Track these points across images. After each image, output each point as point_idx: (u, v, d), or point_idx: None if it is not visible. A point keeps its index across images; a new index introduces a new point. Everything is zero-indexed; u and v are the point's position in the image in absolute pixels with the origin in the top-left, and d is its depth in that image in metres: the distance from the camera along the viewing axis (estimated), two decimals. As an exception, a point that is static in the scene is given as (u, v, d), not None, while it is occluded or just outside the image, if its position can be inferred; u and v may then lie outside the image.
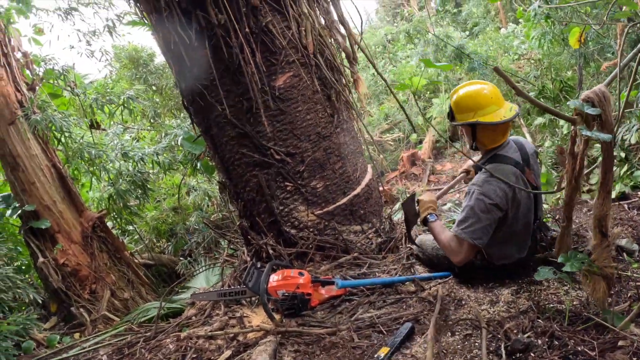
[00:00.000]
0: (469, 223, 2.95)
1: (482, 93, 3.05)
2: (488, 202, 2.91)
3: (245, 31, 3.30)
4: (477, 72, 10.10)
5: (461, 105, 3.09)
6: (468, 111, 3.06)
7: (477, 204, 2.94)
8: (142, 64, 8.75)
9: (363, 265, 3.62)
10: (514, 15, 15.54)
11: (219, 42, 3.37)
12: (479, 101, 3.04)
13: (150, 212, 8.18)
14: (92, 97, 6.26)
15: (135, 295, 6.06)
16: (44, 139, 5.83)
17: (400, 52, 14.52)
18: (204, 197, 7.87)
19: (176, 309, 4.75)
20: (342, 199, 3.69)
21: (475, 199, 2.95)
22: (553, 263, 2.99)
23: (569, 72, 9.38)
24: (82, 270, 5.68)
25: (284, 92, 3.51)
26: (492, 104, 3.03)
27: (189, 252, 7.76)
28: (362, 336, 2.73)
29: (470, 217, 2.95)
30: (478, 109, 3.02)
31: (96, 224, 6.02)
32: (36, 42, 6.61)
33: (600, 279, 2.32)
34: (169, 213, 8.04)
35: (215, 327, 3.15)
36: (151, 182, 7.11)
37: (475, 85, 3.13)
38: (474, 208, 2.94)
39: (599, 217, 2.29)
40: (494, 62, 10.84)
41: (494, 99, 3.04)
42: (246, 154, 3.60)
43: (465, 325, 2.68)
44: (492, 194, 2.91)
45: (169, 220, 8.02)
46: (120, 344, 3.70)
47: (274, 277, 3.17)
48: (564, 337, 2.29)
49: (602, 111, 2.12)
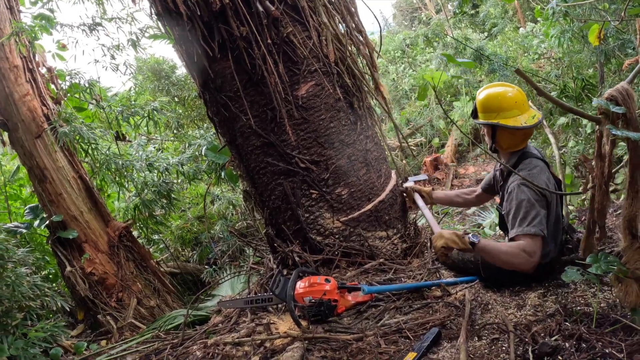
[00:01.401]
0: (532, 216, 2.86)
1: (506, 96, 3.08)
2: (536, 193, 2.90)
3: (267, 42, 3.35)
4: (497, 73, 10.00)
5: (485, 104, 3.13)
6: (490, 111, 3.10)
7: (530, 195, 2.89)
8: (164, 76, 8.89)
9: (389, 271, 3.63)
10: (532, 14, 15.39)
11: (242, 53, 3.43)
12: (502, 104, 3.07)
13: (175, 222, 8.28)
14: (118, 110, 6.36)
15: (161, 303, 6.13)
16: (70, 151, 5.94)
17: (419, 57, 14.49)
18: (228, 205, 7.94)
19: (202, 316, 4.79)
20: (367, 205, 3.71)
21: (525, 191, 2.91)
22: (579, 265, 3.00)
23: (590, 70, 9.25)
24: (109, 278, 5.77)
25: (307, 101, 3.56)
26: (514, 108, 3.06)
27: (214, 261, 7.82)
28: (388, 342, 2.73)
29: (529, 209, 2.87)
30: (500, 110, 3.06)
31: (122, 234, 6.11)
32: (60, 57, 6.74)
33: (632, 281, 2.26)
34: (194, 222, 8.12)
35: (243, 334, 3.17)
36: (175, 192, 7.19)
37: (502, 87, 3.17)
38: (529, 199, 2.88)
39: (628, 217, 2.26)
40: (514, 63, 10.74)
41: (518, 103, 3.07)
42: (271, 162, 3.65)
43: (492, 329, 2.67)
44: (539, 180, 2.92)
45: (194, 229, 8.11)
46: (147, 351, 3.76)
47: (300, 284, 3.19)
48: (592, 339, 2.27)
49: (627, 109, 2.10)
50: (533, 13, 14.56)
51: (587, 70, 9.30)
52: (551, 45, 9.87)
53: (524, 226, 2.85)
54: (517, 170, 3.02)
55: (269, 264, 3.95)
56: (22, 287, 4.15)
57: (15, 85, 5.76)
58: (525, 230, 2.84)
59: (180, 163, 6.83)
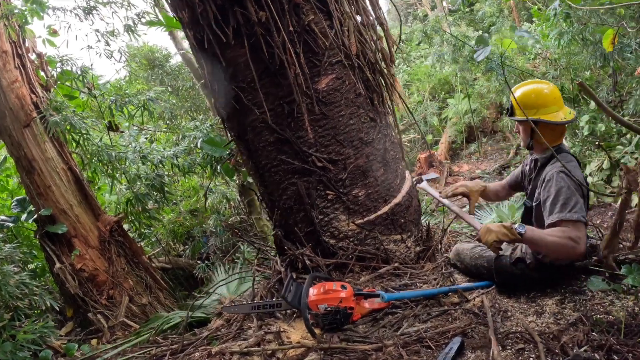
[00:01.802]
0: (573, 202, 2.78)
1: (545, 92, 3.08)
2: (575, 180, 2.86)
3: (288, 29, 3.11)
4: (494, 72, 9.93)
5: (525, 101, 3.08)
6: (531, 108, 3.06)
7: (569, 182, 2.85)
8: (158, 65, 8.63)
9: (403, 276, 3.46)
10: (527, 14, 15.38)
11: (259, 41, 3.17)
12: (543, 100, 3.06)
13: (167, 215, 8.06)
14: (111, 99, 6.11)
15: (153, 301, 5.94)
16: (60, 142, 5.70)
17: (413, 52, 14.38)
18: (222, 199, 7.74)
19: (200, 318, 4.60)
20: (384, 207, 3.53)
21: (565, 179, 2.86)
22: (593, 272, 3.08)
23: (587, 73, 9.23)
24: (100, 275, 5.56)
25: (327, 95, 3.33)
26: (554, 104, 3.05)
27: (207, 256, 7.64)
28: (410, 352, 2.58)
29: (570, 196, 2.80)
30: (541, 107, 3.04)
31: (114, 228, 5.90)
32: (51, 43, 6.47)
33: None
34: (186, 216, 7.92)
35: (251, 343, 2.96)
36: (167, 184, 6.97)
37: (538, 84, 3.17)
38: (569, 187, 2.83)
39: None
40: (511, 62, 10.68)
41: (556, 99, 3.07)
42: (285, 160, 3.42)
43: (515, 338, 2.56)
44: (574, 174, 2.89)
45: (186, 223, 7.91)
46: (144, 357, 3.57)
47: (313, 291, 3.01)
48: (623, 351, 2.21)
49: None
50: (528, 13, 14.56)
51: (584, 73, 9.27)
52: (547, 45, 9.84)
53: (566, 212, 2.75)
54: (555, 161, 2.99)
55: (276, 266, 3.75)
56: (9, 287, 3.94)
57: (3, 71, 5.51)
58: (568, 216, 2.74)
59: (175, 155, 6.60)
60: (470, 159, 12.16)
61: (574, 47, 8.51)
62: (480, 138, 12.61)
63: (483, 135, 12.95)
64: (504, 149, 11.67)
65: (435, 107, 13.58)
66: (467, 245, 3.63)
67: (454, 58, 10.57)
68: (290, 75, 3.15)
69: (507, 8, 15.57)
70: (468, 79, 12.02)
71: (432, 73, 14.05)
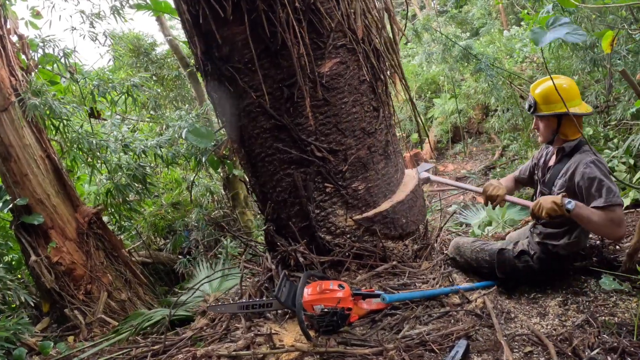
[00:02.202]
0: (612, 188, 2.87)
1: (567, 86, 3.10)
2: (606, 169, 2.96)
3: (294, 6, 2.88)
4: (484, 73, 9.89)
5: (551, 96, 3.10)
6: (557, 102, 3.06)
7: (605, 169, 2.94)
8: (144, 52, 8.37)
9: (401, 275, 3.32)
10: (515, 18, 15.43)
11: (260, 17, 2.92)
12: (570, 93, 3.08)
13: (148, 208, 7.81)
14: (94, 84, 5.84)
15: (132, 296, 5.72)
16: (39, 128, 5.44)
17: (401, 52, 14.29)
18: (205, 192, 7.52)
19: (182, 316, 4.40)
20: (383, 203, 3.36)
21: (601, 167, 2.94)
22: (594, 272, 3.13)
23: (575, 77, 9.24)
24: (77, 269, 5.32)
25: (330, 80, 3.12)
26: (577, 97, 3.11)
27: (188, 250, 7.42)
28: (413, 356, 2.45)
29: (608, 183, 2.88)
30: (568, 100, 3.01)
31: (92, 220, 5.65)
32: (33, 25, 6.21)
33: None
34: (168, 209, 7.68)
35: (240, 345, 2.77)
36: (149, 176, 6.73)
37: (559, 79, 3.18)
38: (605, 174, 2.92)
39: None
40: (500, 64, 10.66)
41: (577, 92, 3.13)
42: (281, 149, 3.20)
43: (522, 341, 2.51)
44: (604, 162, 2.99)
45: (168, 216, 7.67)
46: (123, 358, 3.37)
47: (308, 290, 2.83)
48: (638, 353, 2.20)
49: None
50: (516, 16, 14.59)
51: (573, 77, 9.27)
52: (534, 49, 9.84)
53: (610, 197, 2.84)
54: (583, 151, 3.09)
55: (266, 263, 3.56)
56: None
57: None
58: (612, 201, 2.83)
59: (158, 145, 6.36)
60: (455, 159, 12.11)
61: (564, 51, 8.50)
62: (466, 138, 12.58)
63: (469, 136, 12.93)
64: (489, 149, 11.65)
65: (421, 106, 13.51)
66: (467, 239, 3.62)
67: (443, 57, 10.49)
68: (294, 55, 2.91)
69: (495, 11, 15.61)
70: (456, 79, 11.96)
71: (420, 72, 13.98)
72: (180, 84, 8.69)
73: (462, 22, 13.18)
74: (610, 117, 7.90)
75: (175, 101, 8.58)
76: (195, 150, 6.36)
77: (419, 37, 10.42)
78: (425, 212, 3.75)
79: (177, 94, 8.44)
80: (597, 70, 8.19)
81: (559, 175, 3.15)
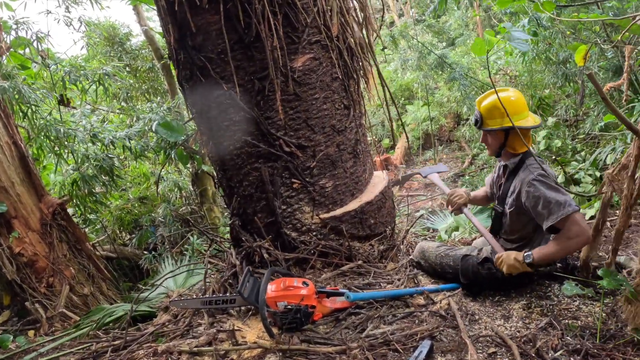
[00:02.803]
0: (558, 200, 2.84)
1: (511, 99, 3.08)
2: (551, 179, 2.95)
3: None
4: (457, 82, 10.02)
5: (495, 111, 3.08)
6: (503, 116, 3.04)
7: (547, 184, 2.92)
8: (118, 42, 8.21)
9: (366, 274, 3.32)
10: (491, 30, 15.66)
11: (236, 7, 2.89)
12: (515, 107, 3.06)
13: (115, 201, 7.65)
14: (65, 70, 5.69)
15: (95, 291, 5.56)
16: (6, 112, 5.26)
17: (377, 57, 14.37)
18: (174, 188, 7.40)
19: (144, 312, 4.32)
20: (351, 202, 3.35)
21: (545, 184, 2.92)
22: (558, 277, 3.18)
23: (546, 91, 9.43)
24: (40, 261, 5.16)
25: (302, 75, 3.10)
26: (524, 110, 3.09)
27: (154, 246, 7.29)
28: (377, 355, 2.46)
29: (553, 196, 2.87)
30: (514, 113, 3.00)
31: (57, 211, 5.48)
32: (7, 7, 6.01)
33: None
34: (135, 203, 7.53)
35: (202, 342, 2.73)
36: (117, 168, 6.59)
37: (505, 92, 3.14)
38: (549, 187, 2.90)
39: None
40: (474, 74, 10.82)
41: (523, 105, 3.11)
42: (250, 142, 3.16)
43: (486, 342, 2.54)
44: (548, 173, 2.98)
45: (135, 210, 7.52)
46: (83, 353, 3.28)
47: (272, 287, 2.81)
48: (601, 354, 2.24)
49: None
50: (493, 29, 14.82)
51: (544, 91, 9.46)
52: (508, 62, 10.01)
53: (557, 213, 2.83)
54: (526, 167, 3.06)
55: (230, 258, 3.52)
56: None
57: (-50, 33, 5.09)
58: (562, 214, 2.81)
59: (128, 137, 6.23)
60: (425, 165, 12.21)
61: (537, 65, 8.65)
62: (437, 145, 12.70)
63: (439, 143, 13.06)
64: (459, 157, 11.78)
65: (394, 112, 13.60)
66: (432, 244, 3.63)
67: (418, 65, 10.60)
68: (267, 48, 2.89)
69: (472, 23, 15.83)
70: (430, 87, 12.08)
71: (394, 79, 14.08)
72: (154, 76, 8.56)
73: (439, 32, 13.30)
74: (579, 131, 8.07)
75: (148, 93, 8.44)
76: (165, 144, 6.26)
77: (395, 43, 10.49)
78: (394, 214, 3.76)
79: (149, 86, 8.30)
80: (568, 84, 8.37)
81: (509, 194, 3.18)
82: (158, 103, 6.73)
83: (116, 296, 5.76)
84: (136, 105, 7.99)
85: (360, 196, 3.43)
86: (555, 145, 7.79)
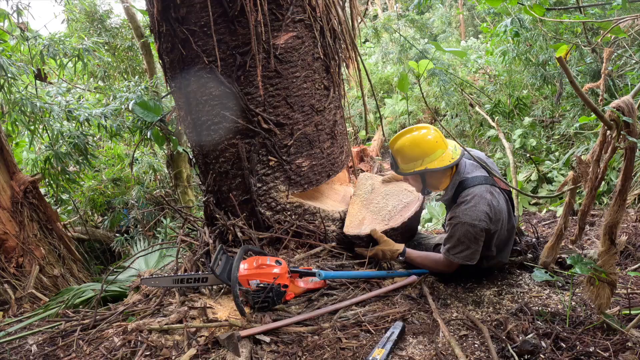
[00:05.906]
0: (459, 250, 2.94)
1: (426, 139, 2.92)
2: (475, 231, 2.85)
3: None
4: (437, 77, 10.07)
5: (407, 155, 2.94)
6: (415, 160, 2.93)
7: (465, 234, 2.88)
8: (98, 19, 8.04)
9: (339, 257, 3.32)
10: (473, 30, 15.81)
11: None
12: (425, 149, 2.91)
13: (88, 182, 7.49)
14: (44, 43, 5.53)
15: (65, 273, 5.45)
16: (-22, 86, 5.13)
17: (358, 49, 14.37)
18: (148, 170, 7.28)
19: (116, 292, 4.25)
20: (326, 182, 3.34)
21: (462, 230, 2.88)
22: (528, 267, 3.23)
23: (524, 91, 9.55)
24: (9, 240, 5.03)
25: (284, 52, 3.07)
26: (438, 148, 2.91)
27: (126, 229, 7.18)
28: (349, 335, 2.46)
29: (459, 245, 2.93)
30: (425, 156, 2.90)
31: (28, 189, 5.35)
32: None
33: (605, 285, 2.35)
34: (108, 184, 7.40)
35: (173, 319, 2.69)
36: (91, 146, 6.45)
37: (418, 131, 2.95)
38: (462, 238, 2.90)
39: (610, 224, 2.28)
40: (455, 71, 10.88)
41: (439, 142, 2.93)
42: (228, 117, 3.12)
43: (457, 325, 2.58)
44: (477, 221, 2.83)
45: (108, 192, 7.39)
46: (52, 332, 3.21)
47: (244, 265, 2.78)
48: (571, 338, 2.28)
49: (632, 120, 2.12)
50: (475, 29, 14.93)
51: (522, 91, 9.57)
52: (489, 61, 10.10)
53: (449, 253, 2.99)
54: (456, 206, 2.95)
55: (203, 237, 3.47)
56: None
57: None
58: (449, 257, 2.99)
59: (104, 115, 6.10)
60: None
61: (517, 65, 8.73)
62: (414, 139, 12.74)
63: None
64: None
65: (372, 104, 13.65)
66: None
67: (399, 58, 10.61)
68: (251, 23, 2.86)
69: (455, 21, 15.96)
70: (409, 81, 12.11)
71: (374, 71, 14.11)
72: (132, 55, 8.41)
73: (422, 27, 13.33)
74: (554, 132, 8.19)
75: (126, 73, 8.29)
76: (142, 124, 6.15)
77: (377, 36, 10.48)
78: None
79: (127, 65, 8.14)
80: (546, 86, 8.47)
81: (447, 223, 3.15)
82: (136, 82, 6.60)
83: (87, 278, 5.66)
84: (113, 84, 7.84)
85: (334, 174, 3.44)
86: (530, 144, 7.90)
